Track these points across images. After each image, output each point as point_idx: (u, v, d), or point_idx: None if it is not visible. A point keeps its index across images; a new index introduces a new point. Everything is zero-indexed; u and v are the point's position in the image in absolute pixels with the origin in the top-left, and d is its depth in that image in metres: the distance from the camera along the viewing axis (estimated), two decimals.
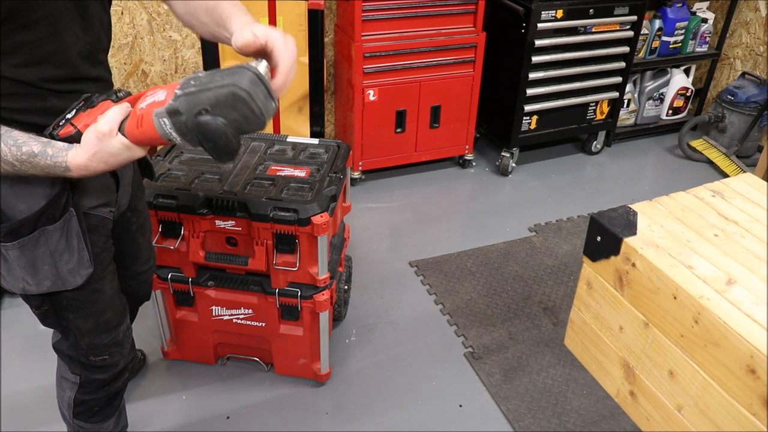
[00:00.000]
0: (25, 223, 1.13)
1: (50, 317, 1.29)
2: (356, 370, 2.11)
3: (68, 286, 1.22)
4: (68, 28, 1.08)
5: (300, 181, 1.82)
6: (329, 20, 3.07)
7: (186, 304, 1.93)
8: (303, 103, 2.89)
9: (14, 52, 1.02)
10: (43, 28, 1.03)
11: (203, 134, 0.96)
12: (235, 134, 0.97)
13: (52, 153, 1.02)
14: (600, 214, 1.90)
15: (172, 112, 0.97)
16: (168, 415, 1.93)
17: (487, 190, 3.18)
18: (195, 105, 0.95)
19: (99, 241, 1.27)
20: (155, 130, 0.99)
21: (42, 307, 1.27)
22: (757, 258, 1.68)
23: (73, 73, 1.12)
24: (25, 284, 1.19)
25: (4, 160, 1.00)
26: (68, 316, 1.28)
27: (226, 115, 0.95)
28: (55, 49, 1.07)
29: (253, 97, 0.95)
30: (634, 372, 1.84)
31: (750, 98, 3.36)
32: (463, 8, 2.90)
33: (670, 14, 3.40)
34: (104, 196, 1.27)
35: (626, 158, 3.53)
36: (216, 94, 0.94)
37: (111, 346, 1.37)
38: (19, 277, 1.18)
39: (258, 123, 0.97)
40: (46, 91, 1.09)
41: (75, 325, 1.30)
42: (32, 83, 1.06)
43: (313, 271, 1.80)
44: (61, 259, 1.18)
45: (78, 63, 1.12)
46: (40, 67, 1.06)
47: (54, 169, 1.03)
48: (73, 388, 1.42)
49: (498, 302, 2.41)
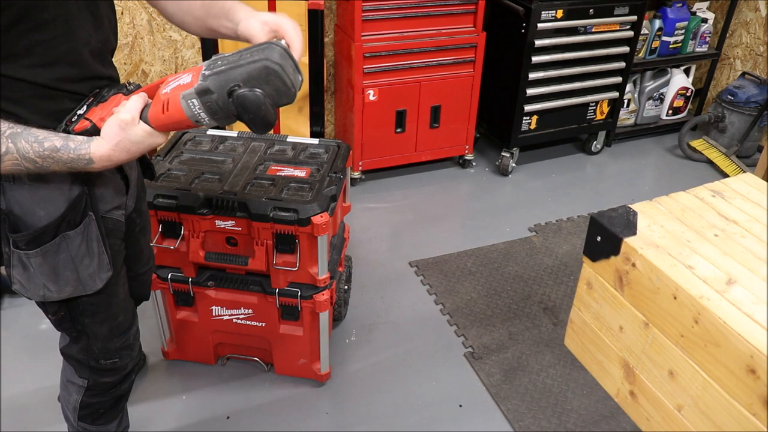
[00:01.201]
0: (47, 230, 1.13)
1: (66, 322, 1.29)
2: (356, 370, 2.11)
3: (89, 290, 1.22)
4: (81, 26, 1.08)
5: (300, 181, 1.82)
6: (329, 20, 3.07)
7: (186, 304, 1.93)
8: (303, 103, 2.89)
9: (29, 53, 1.02)
10: (56, 27, 1.03)
11: (243, 107, 0.99)
12: (273, 105, 1.01)
13: (74, 146, 1.02)
14: (600, 214, 1.90)
15: (202, 91, 0.99)
16: (168, 415, 1.93)
17: (487, 190, 3.18)
18: (227, 82, 0.98)
19: (114, 245, 1.27)
20: (183, 112, 1.01)
21: (59, 312, 1.26)
22: (757, 258, 1.68)
23: (86, 73, 1.12)
24: (45, 291, 1.19)
25: (26, 157, 1.00)
26: (84, 321, 1.28)
27: (261, 88, 0.99)
28: (69, 49, 1.07)
29: (285, 69, 1.00)
30: (634, 372, 1.84)
31: (750, 98, 3.36)
32: (463, 8, 2.90)
33: (670, 14, 3.40)
34: (117, 199, 1.27)
35: (626, 158, 3.53)
36: (248, 69, 0.98)
37: (122, 349, 1.37)
38: (39, 284, 1.17)
39: (289, 95, 1.02)
40: (61, 93, 1.09)
41: (90, 329, 1.30)
42: (47, 84, 1.06)
43: (313, 271, 1.80)
44: (82, 263, 1.18)
45: (91, 62, 1.12)
46: (54, 67, 1.06)
47: (77, 163, 1.03)
48: (80, 392, 1.42)
49: (498, 302, 2.41)
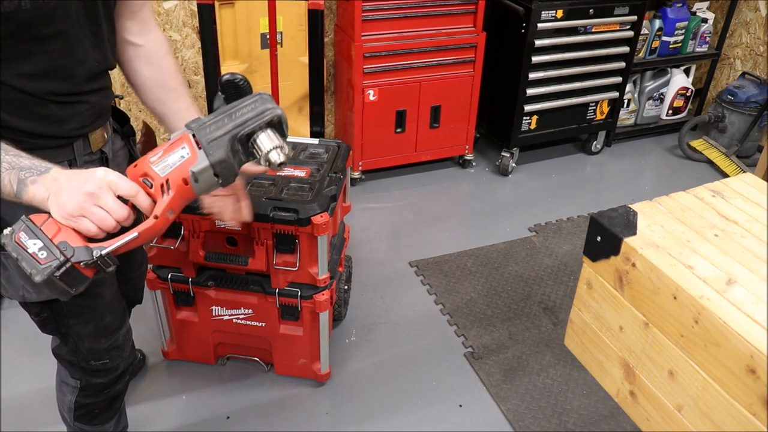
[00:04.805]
0: None
1: (50, 324, 1.29)
2: (356, 370, 2.11)
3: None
4: (79, 45, 1.08)
5: (300, 181, 1.82)
6: (329, 20, 3.07)
7: (186, 304, 1.93)
8: (303, 103, 2.89)
9: (21, 61, 1.01)
10: (54, 42, 1.03)
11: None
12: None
13: (29, 163, 0.97)
14: (600, 214, 1.90)
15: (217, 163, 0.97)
16: (168, 415, 1.93)
17: (487, 190, 3.18)
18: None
19: None
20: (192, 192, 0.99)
21: (42, 314, 1.26)
22: (757, 258, 1.68)
23: (76, 89, 1.11)
24: (24, 292, 1.18)
25: None
26: (68, 322, 1.28)
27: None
28: (63, 65, 1.06)
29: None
30: (634, 372, 1.84)
31: (750, 98, 3.36)
32: (463, 8, 2.90)
33: (670, 14, 3.40)
34: None
35: (626, 158, 3.53)
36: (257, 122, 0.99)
37: (111, 350, 1.37)
38: (18, 285, 1.17)
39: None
40: (48, 101, 1.08)
41: (75, 330, 1.29)
42: (34, 94, 1.05)
43: (313, 271, 1.80)
44: None
45: (83, 80, 1.12)
46: (44, 79, 1.05)
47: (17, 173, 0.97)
48: (73, 392, 1.42)
49: (498, 302, 2.41)
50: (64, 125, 1.13)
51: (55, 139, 1.13)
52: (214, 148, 0.96)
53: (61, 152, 1.15)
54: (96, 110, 1.19)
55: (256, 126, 0.98)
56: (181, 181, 0.97)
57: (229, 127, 0.97)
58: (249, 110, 0.98)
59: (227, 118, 0.98)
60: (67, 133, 1.14)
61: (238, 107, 0.99)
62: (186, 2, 2.78)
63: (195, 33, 2.85)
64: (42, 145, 1.10)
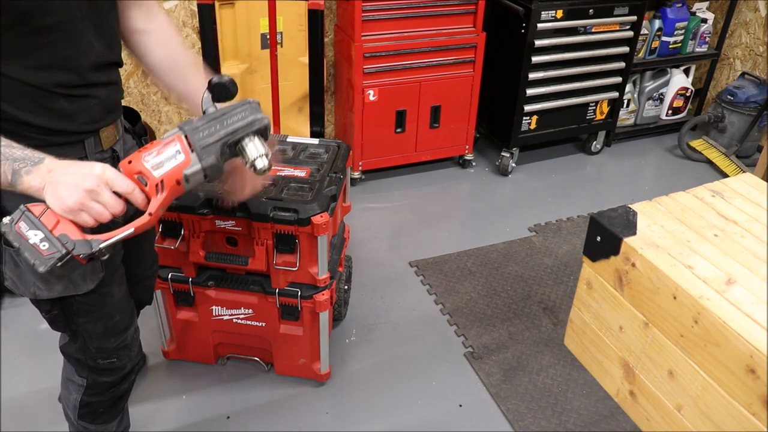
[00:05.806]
0: None
1: (60, 321, 1.29)
2: (356, 370, 2.11)
3: (80, 290, 1.22)
4: (82, 36, 1.09)
5: (300, 181, 1.82)
6: (329, 20, 3.07)
7: (186, 304, 1.93)
8: (303, 103, 2.89)
9: (25, 55, 1.02)
10: (56, 33, 1.04)
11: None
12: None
13: (21, 154, 1.00)
14: (600, 214, 1.90)
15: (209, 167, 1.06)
16: (168, 415, 1.93)
17: (487, 190, 3.18)
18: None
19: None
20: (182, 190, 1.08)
21: (52, 311, 1.27)
22: (757, 258, 1.68)
23: (83, 80, 1.12)
24: (36, 289, 1.19)
25: None
26: (78, 320, 1.28)
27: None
28: (67, 56, 1.07)
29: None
30: (634, 372, 1.84)
31: (750, 98, 3.37)
32: (463, 8, 2.90)
33: (670, 14, 3.40)
34: None
35: (626, 158, 3.53)
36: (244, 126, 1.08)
37: (119, 349, 1.37)
38: (30, 282, 1.18)
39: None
40: (56, 95, 1.09)
41: (84, 328, 1.30)
42: (42, 87, 1.06)
43: (313, 271, 1.80)
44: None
45: (88, 70, 1.13)
46: (50, 71, 1.06)
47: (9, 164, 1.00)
48: (79, 391, 1.42)
49: (498, 302, 2.41)
50: (75, 119, 1.14)
51: (66, 134, 1.14)
52: (206, 154, 1.04)
53: (72, 150, 1.16)
54: (105, 105, 1.20)
55: (245, 134, 1.06)
56: (174, 182, 1.04)
57: (220, 134, 1.05)
58: (239, 119, 1.06)
59: (218, 125, 1.06)
60: (77, 128, 1.15)
61: (229, 114, 1.07)
62: (186, 2, 2.78)
63: (195, 33, 2.85)
64: (53, 141, 1.12)
